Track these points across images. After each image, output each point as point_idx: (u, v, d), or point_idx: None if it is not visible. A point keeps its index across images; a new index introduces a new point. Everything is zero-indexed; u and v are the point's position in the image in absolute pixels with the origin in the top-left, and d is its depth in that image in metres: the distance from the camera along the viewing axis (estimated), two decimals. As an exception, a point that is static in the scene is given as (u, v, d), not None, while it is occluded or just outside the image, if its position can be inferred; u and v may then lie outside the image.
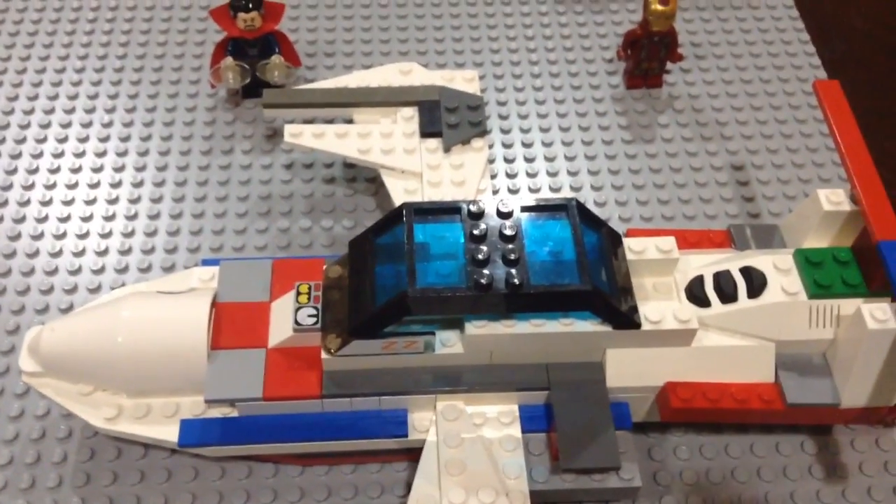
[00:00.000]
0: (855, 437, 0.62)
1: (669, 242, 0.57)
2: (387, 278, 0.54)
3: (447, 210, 0.56)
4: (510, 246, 0.53)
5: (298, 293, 0.56)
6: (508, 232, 0.54)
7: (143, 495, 0.58)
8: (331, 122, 0.74)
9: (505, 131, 0.80)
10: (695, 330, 0.55)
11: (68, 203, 0.74)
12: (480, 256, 0.52)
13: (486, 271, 0.52)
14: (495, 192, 0.75)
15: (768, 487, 0.59)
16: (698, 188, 0.76)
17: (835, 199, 0.59)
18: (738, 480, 0.60)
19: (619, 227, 0.73)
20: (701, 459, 0.61)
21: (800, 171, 0.77)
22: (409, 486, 0.57)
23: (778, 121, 0.81)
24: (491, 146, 0.77)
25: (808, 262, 0.56)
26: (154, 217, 0.73)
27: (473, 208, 0.55)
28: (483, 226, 0.54)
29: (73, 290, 0.68)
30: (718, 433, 0.62)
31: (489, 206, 0.55)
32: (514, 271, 0.52)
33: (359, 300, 0.54)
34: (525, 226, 0.55)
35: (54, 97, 0.81)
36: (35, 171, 0.76)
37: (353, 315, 0.54)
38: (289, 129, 0.69)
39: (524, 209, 0.55)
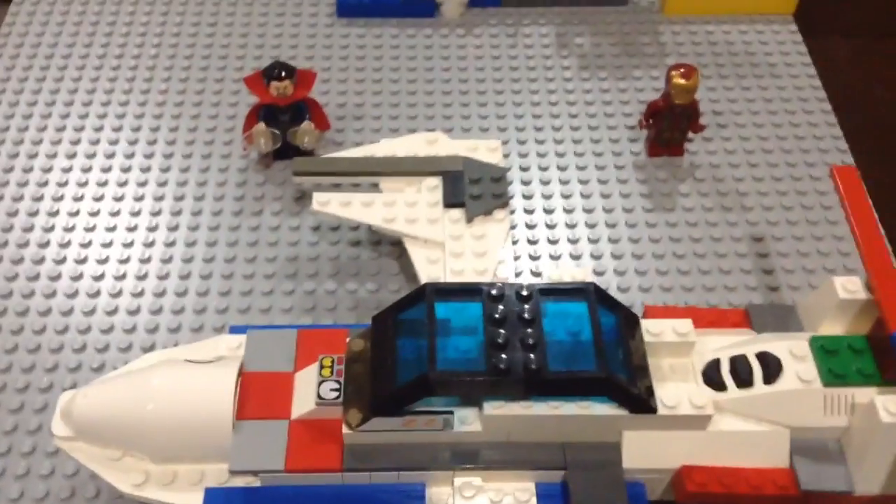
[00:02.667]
0: (869, 521, 0.62)
1: (686, 325, 0.58)
2: (408, 357, 0.55)
3: (467, 291, 0.57)
4: (528, 330, 0.54)
5: (322, 366, 0.58)
6: (527, 316, 0.55)
7: (166, 559, 0.60)
8: (356, 186, 0.76)
9: (527, 197, 0.81)
10: (710, 415, 0.56)
11: (102, 262, 0.76)
12: (499, 340, 0.54)
13: (504, 356, 0.53)
14: (516, 258, 0.77)
15: (781, 570, 0.60)
16: (718, 259, 0.77)
17: (851, 287, 0.59)
18: (752, 562, 0.60)
19: (638, 297, 0.74)
20: (715, 539, 0.61)
21: (819, 244, 0.78)
22: (425, 560, 0.58)
23: (798, 192, 0.82)
24: (512, 212, 0.79)
25: (824, 350, 0.57)
26: (185, 277, 0.75)
27: (494, 291, 0.56)
28: (502, 308, 0.56)
29: (104, 350, 0.71)
30: (733, 513, 0.62)
31: (508, 288, 0.57)
32: (532, 356, 0.53)
33: (380, 378, 0.55)
34: (543, 309, 0.56)
35: (91, 156, 0.84)
36: (71, 229, 0.78)
37: (375, 393, 0.55)
38: (317, 198, 0.71)
39: (542, 292, 0.57)
